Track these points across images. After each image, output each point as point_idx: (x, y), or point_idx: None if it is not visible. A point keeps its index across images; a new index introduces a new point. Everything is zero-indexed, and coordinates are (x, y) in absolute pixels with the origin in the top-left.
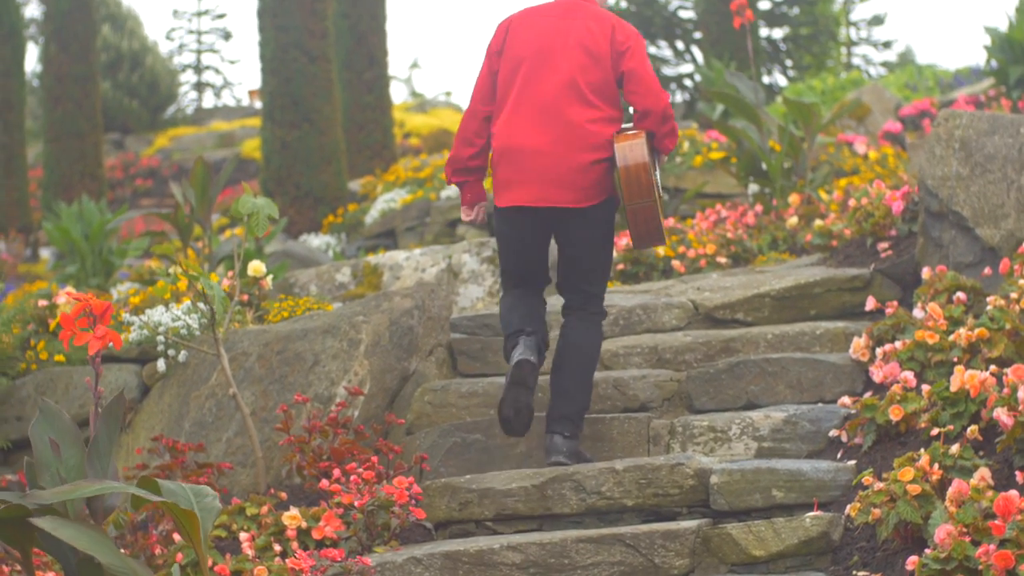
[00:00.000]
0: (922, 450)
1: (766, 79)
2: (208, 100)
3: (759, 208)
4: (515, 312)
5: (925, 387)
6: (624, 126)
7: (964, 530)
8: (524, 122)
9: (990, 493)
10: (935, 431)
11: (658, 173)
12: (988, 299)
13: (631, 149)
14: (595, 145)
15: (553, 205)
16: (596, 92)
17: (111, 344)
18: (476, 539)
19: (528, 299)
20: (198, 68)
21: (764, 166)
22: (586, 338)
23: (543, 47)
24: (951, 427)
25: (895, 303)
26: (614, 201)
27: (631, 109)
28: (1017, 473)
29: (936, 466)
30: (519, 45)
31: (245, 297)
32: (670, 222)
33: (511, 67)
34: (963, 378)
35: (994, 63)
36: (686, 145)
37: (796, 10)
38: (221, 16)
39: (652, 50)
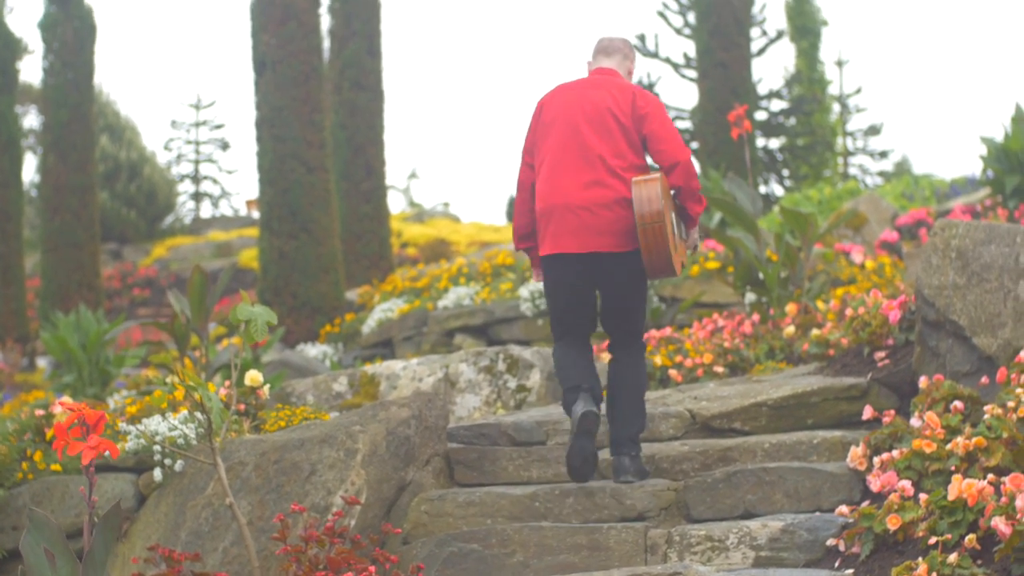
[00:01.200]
0: (920, 559)
1: (763, 188)
2: (206, 210)
3: (756, 317)
4: (573, 368)
5: (923, 496)
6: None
7: None
8: (563, 182)
9: None
10: (933, 540)
11: (681, 228)
12: (985, 408)
13: (643, 185)
14: (623, 198)
15: (596, 251)
16: (621, 155)
17: (107, 453)
18: None
19: (580, 352)
20: (196, 178)
21: (761, 275)
22: (634, 370)
23: (574, 115)
24: (949, 536)
25: (892, 412)
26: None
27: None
28: None
29: (934, 575)
30: (553, 115)
31: (242, 406)
32: (667, 331)
33: (547, 135)
34: (961, 487)
35: (990, 173)
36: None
37: (793, 120)
38: (219, 126)
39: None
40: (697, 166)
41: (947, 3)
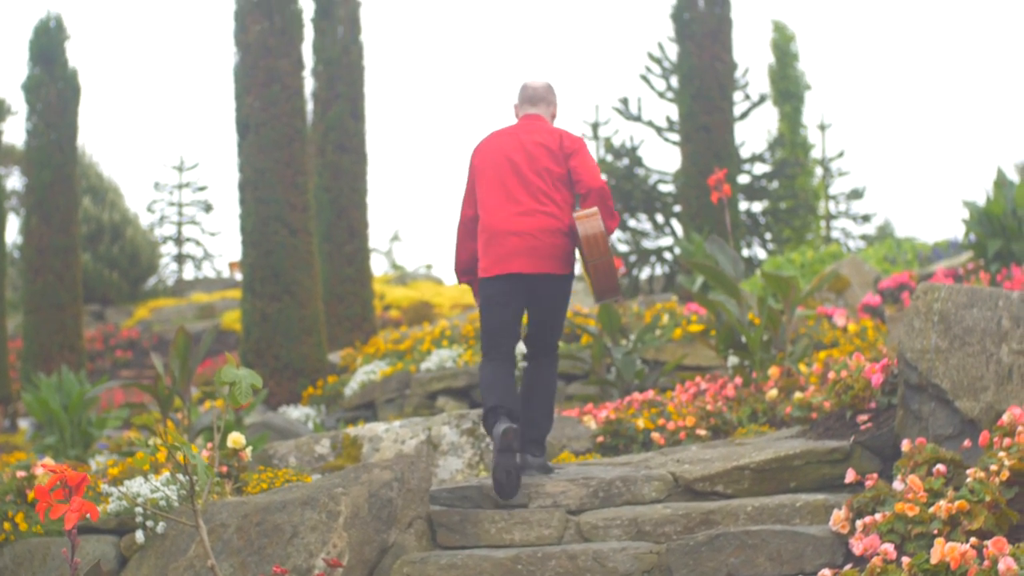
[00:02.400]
0: None
1: (746, 251)
2: (189, 272)
3: (739, 380)
4: (495, 389)
5: (905, 559)
6: (579, 211)
7: None
8: (505, 212)
9: None
10: None
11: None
12: (968, 471)
13: (588, 220)
14: (559, 228)
15: (539, 272)
16: (556, 187)
17: (88, 515)
18: None
19: (507, 370)
20: (179, 240)
21: (743, 339)
22: (549, 377)
23: (511, 154)
24: None
25: (875, 475)
26: (573, 273)
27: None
28: None
29: None
30: (491, 157)
31: (224, 468)
32: (649, 394)
33: (485, 175)
34: (943, 550)
35: (972, 236)
36: (665, 318)
37: (775, 184)
38: (202, 188)
39: (632, 223)
40: (679, 230)
41: (930, 68)
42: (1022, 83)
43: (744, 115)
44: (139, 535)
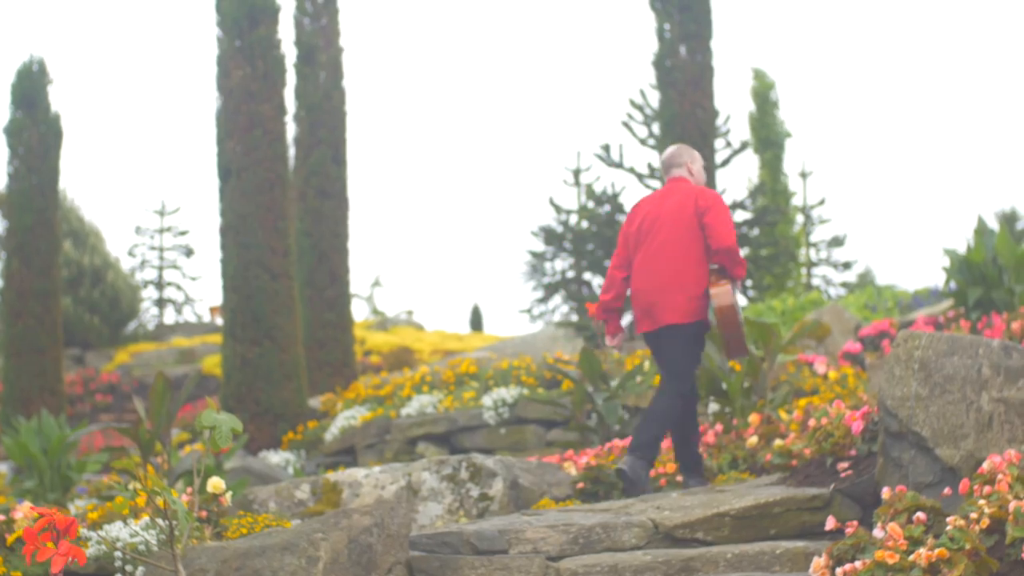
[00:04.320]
0: None
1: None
2: (169, 316)
3: (719, 427)
4: (639, 428)
5: None
6: (712, 266)
7: None
8: (646, 273)
9: None
10: None
11: (737, 296)
12: (948, 519)
13: (719, 295)
14: (690, 285)
15: (664, 325)
16: (688, 246)
17: (75, 560)
18: None
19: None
20: (160, 284)
21: (724, 385)
22: (660, 404)
23: (653, 219)
24: None
25: (855, 523)
26: (703, 323)
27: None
28: None
29: None
30: (638, 221)
31: (204, 513)
32: (630, 440)
33: (635, 237)
34: None
35: (953, 285)
36: (646, 364)
37: (756, 231)
38: (183, 233)
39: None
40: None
41: (911, 116)
42: (1003, 132)
43: (725, 162)
44: None
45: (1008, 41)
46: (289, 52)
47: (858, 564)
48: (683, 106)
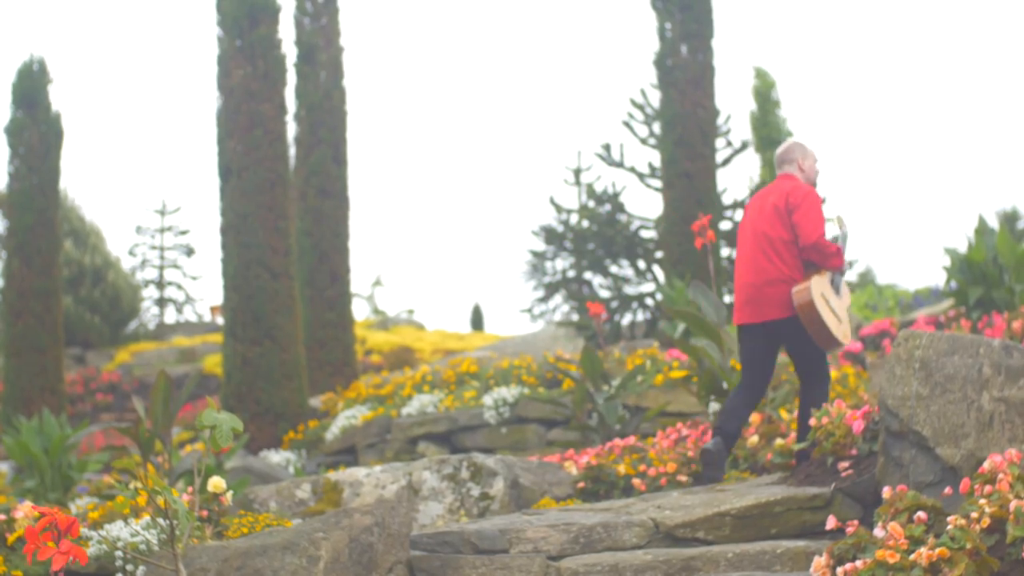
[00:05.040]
0: None
1: (727, 298)
2: (170, 316)
3: None
4: (721, 412)
5: None
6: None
7: None
8: (744, 267)
9: None
10: None
11: (833, 291)
12: (949, 519)
13: (798, 294)
14: (779, 281)
15: (765, 320)
16: (781, 243)
17: (76, 559)
18: None
19: (735, 399)
20: (160, 284)
21: (725, 385)
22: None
23: (755, 215)
24: None
25: (856, 522)
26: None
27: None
28: None
29: None
30: (746, 215)
31: (204, 513)
32: (631, 440)
33: (741, 232)
34: None
35: (954, 284)
36: (647, 364)
37: None
38: (184, 232)
39: (613, 269)
40: (661, 276)
41: (912, 116)
42: (1004, 131)
43: (726, 162)
44: None
45: (1008, 41)
46: (289, 51)
47: (859, 563)
48: (684, 105)
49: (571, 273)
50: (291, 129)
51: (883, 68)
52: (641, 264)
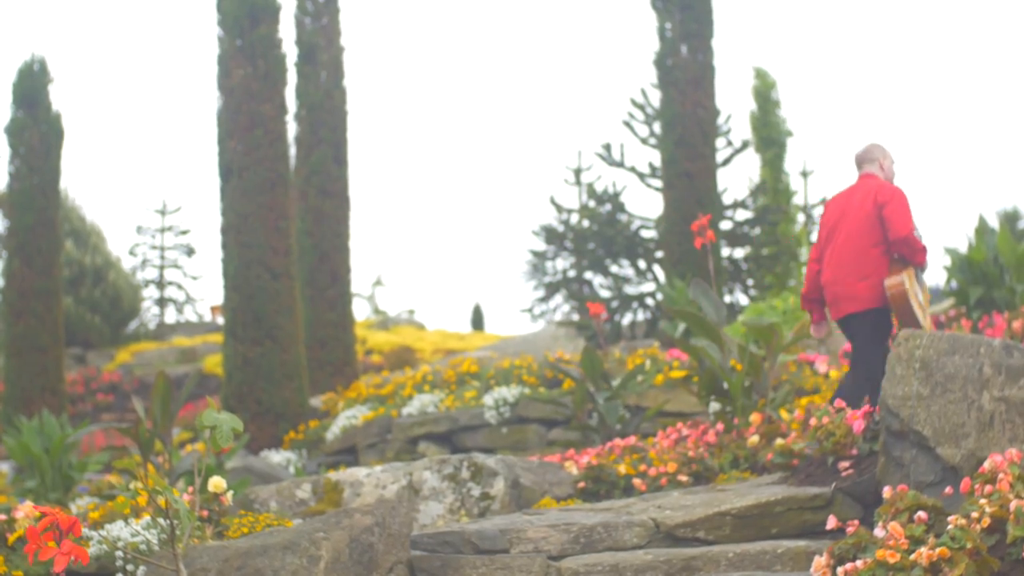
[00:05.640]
0: None
1: (728, 298)
2: (170, 315)
3: (720, 427)
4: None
5: None
6: (893, 256)
7: None
8: (833, 265)
9: None
10: None
11: (919, 285)
12: (949, 519)
13: (892, 285)
14: (870, 275)
15: (847, 314)
16: (870, 239)
17: (79, 559)
18: None
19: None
20: (161, 283)
21: (725, 385)
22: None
23: (840, 214)
24: None
25: (856, 522)
26: (882, 310)
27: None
28: None
29: None
30: (828, 216)
31: (205, 513)
32: (631, 440)
33: (825, 232)
34: None
35: (954, 284)
36: (648, 364)
37: (758, 230)
38: (184, 232)
39: (613, 268)
40: (661, 276)
41: (912, 116)
42: (1004, 131)
43: (727, 162)
44: None
45: (1009, 41)
46: (290, 51)
47: (859, 563)
48: (684, 105)
49: (571, 273)
50: (291, 129)
51: (883, 67)
52: (641, 264)
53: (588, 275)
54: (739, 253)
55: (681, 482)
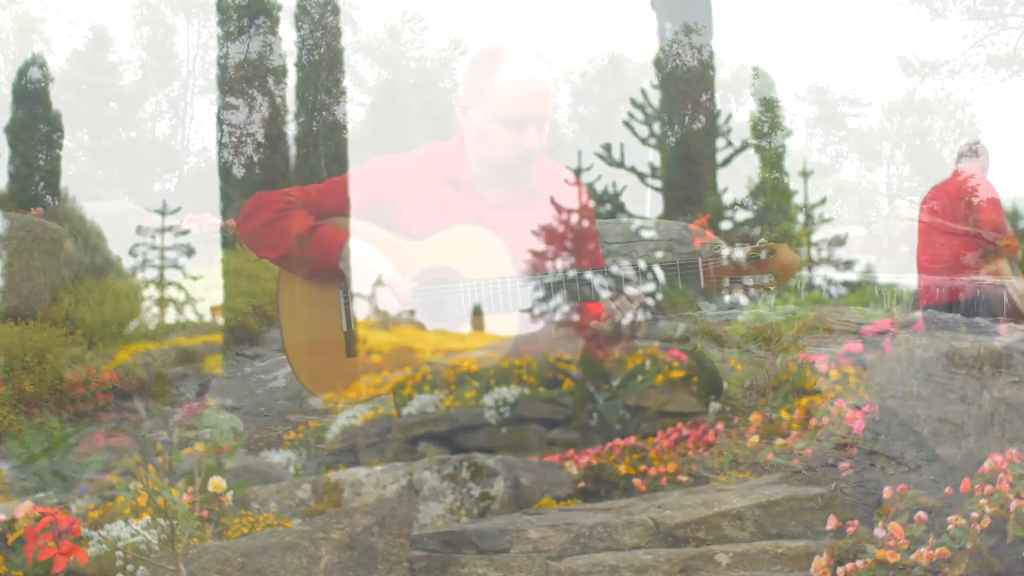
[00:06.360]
0: None
1: (728, 297)
2: (170, 316)
3: (720, 427)
4: None
5: None
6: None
7: None
8: (927, 256)
9: None
10: None
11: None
12: (949, 519)
13: (991, 275)
14: (961, 264)
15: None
16: (963, 230)
17: (78, 559)
18: None
19: None
20: (161, 284)
21: (725, 385)
22: None
23: (933, 207)
24: None
25: (856, 522)
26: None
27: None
28: None
29: None
30: (925, 208)
31: (205, 513)
32: (631, 440)
33: (921, 222)
34: None
35: None
36: (648, 364)
37: (758, 231)
38: (185, 233)
39: (613, 269)
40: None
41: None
42: (1004, 131)
43: (726, 162)
44: None
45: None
46: (290, 51)
47: (859, 563)
48: (684, 105)
49: (571, 273)
50: (291, 129)
51: (883, 68)
52: (642, 264)
53: (588, 275)
54: (739, 253)
55: (681, 482)
